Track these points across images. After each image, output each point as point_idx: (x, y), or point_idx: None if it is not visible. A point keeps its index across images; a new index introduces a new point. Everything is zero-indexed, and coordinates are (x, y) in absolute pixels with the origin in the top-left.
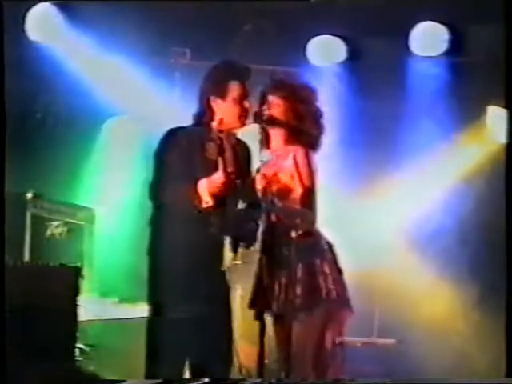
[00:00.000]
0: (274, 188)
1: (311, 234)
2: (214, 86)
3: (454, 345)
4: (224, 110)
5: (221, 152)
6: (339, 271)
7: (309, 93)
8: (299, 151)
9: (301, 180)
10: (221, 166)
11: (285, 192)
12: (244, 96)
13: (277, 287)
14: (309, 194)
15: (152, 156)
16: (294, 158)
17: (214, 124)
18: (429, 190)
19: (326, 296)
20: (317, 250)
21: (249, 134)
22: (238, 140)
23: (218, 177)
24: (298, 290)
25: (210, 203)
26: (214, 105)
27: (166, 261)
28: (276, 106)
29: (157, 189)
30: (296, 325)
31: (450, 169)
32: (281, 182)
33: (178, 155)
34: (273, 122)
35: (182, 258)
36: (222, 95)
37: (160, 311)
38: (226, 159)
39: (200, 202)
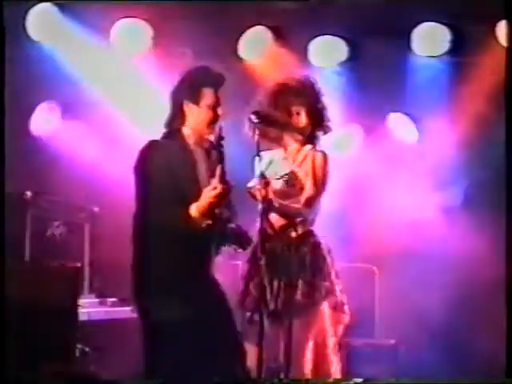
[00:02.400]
0: (292, 185)
1: (313, 235)
2: (189, 91)
3: (454, 345)
4: (196, 116)
5: (220, 161)
6: (337, 274)
7: (317, 87)
8: (318, 153)
9: (314, 182)
10: (217, 177)
11: (298, 189)
12: (218, 103)
13: (272, 287)
14: (317, 197)
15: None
16: (313, 159)
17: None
18: (429, 190)
19: (323, 297)
20: (318, 250)
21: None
22: (211, 142)
23: (211, 191)
24: (297, 291)
25: (210, 222)
26: (186, 109)
27: (158, 262)
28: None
29: (145, 206)
30: (294, 325)
31: (449, 169)
32: (298, 180)
33: (161, 171)
34: (286, 126)
35: (176, 259)
36: (196, 101)
37: (153, 313)
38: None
39: (198, 223)
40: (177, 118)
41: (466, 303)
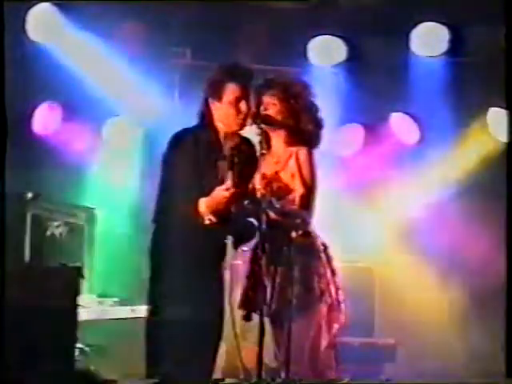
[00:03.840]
0: (275, 187)
1: (308, 235)
2: (211, 87)
3: (454, 345)
4: (221, 112)
5: (231, 167)
6: (333, 272)
7: (302, 88)
8: (301, 150)
9: (302, 180)
10: (230, 181)
11: (285, 191)
12: (241, 98)
13: (272, 287)
14: (309, 195)
15: (161, 160)
16: (296, 157)
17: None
18: (429, 190)
19: (320, 297)
20: (312, 250)
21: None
22: (243, 138)
23: (223, 191)
24: (294, 291)
25: (213, 220)
26: (212, 106)
27: (167, 261)
28: (272, 106)
29: (162, 195)
30: (292, 325)
31: (450, 169)
32: (282, 181)
33: (185, 162)
34: (270, 121)
35: (183, 259)
36: (218, 97)
37: (159, 312)
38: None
39: (202, 219)
40: (205, 113)
41: (466, 303)
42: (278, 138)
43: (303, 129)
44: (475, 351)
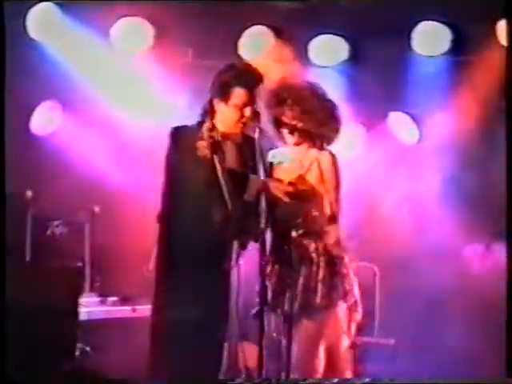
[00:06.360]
0: (300, 189)
1: (324, 235)
2: (219, 88)
3: (454, 344)
4: (224, 114)
5: (214, 151)
6: (353, 271)
7: (318, 89)
8: (324, 157)
9: (326, 188)
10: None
11: (311, 194)
12: (247, 103)
13: (289, 288)
14: (337, 201)
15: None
16: (318, 162)
17: (205, 125)
18: (429, 190)
19: (344, 297)
20: (330, 251)
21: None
22: (245, 136)
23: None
24: (313, 291)
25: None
26: (216, 106)
27: (172, 260)
28: (287, 111)
29: (166, 195)
30: (310, 325)
31: (449, 168)
32: (307, 184)
33: (180, 155)
34: (285, 124)
35: (188, 258)
36: (225, 99)
37: (163, 311)
38: (226, 157)
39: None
40: (207, 111)
41: (466, 303)
42: (294, 139)
43: (320, 128)
44: (475, 351)
